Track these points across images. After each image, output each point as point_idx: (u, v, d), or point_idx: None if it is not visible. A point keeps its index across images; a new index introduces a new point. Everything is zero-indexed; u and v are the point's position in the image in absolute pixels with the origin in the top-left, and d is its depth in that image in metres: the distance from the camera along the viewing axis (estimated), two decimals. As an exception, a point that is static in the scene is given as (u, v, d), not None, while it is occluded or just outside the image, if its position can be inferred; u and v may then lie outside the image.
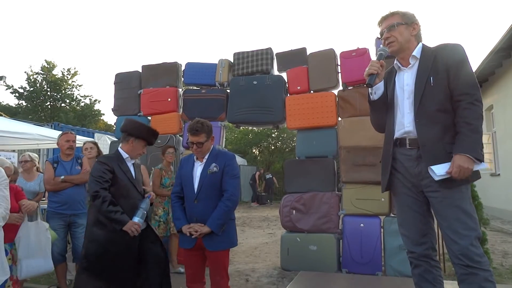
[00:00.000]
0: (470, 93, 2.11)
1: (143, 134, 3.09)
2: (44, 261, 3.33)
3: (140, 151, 3.10)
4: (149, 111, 5.71)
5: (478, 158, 2.04)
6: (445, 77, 2.18)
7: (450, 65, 2.18)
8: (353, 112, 4.70)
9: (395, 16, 2.35)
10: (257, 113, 5.15)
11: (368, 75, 2.33)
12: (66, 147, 3.97)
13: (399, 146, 2.32)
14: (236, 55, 5.53)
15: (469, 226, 2.09)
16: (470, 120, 2.08)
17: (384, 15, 2.40)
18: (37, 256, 3.26)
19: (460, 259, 2.07)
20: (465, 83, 2.13)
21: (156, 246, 2.98)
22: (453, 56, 2.20)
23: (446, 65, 2.19)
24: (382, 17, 2.41)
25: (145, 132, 3.11)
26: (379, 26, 2.43)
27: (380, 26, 2.42)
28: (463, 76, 2.15)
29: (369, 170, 4.40)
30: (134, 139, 3.05)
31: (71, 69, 23.22)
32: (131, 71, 6.00)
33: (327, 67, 4.95)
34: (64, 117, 20.71)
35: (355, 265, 4.44)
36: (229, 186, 2.78)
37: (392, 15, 2.36)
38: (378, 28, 2.45)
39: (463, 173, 2.04)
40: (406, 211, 2.35)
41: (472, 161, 2.03)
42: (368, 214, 4.49)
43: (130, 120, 3.21)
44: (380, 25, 2.41)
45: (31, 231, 3.29)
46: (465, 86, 2.13)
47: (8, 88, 21.60)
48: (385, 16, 2.39)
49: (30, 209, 3.25)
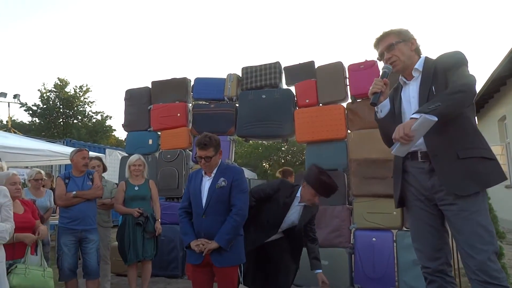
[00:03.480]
0: (462, 83, 2.06)
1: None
2: None
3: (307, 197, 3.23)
4: (159, 126, 5.75)
5: (420, 111, 1.99)
6: (444, 82, 2.14)
7: (447, 67, 2.15)
8: (362, 125, 4.67)
9: (391, 36, 2.31)
10: (266, 126, 5.15)
11: (372, 93, 2.31)
12: (82, 164, 3.99)
13: (411, 160, 2.28)
14: (244, 69, 5.56)
15: (486, 240, 2.01)
16: (446, 92, 2.05)
17: (378, 36, 2.37)
18: None
19: (477, 275, 2.00)
20: (460, 78, 2.09)
21: None
22: (450, 60, 2.18)
23: (444, 70, 2.16)
24: (377, 39, 2.37)
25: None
26: (376, 48, 2.39)
27: (377, 48, 2.38)
28: (460, 73, 2.11)
29: (380, 183, 4.34)
30: (305, 183, 3.21)
31: (83, 86, 23.67)
32: (141, 87, 6.07)
33: (336, 80, 4.93)
34: (76, 133, 21.01)
35: (367, 280, 4.34)
36: (238, 201, 2.75)
37: (388, 35, 2.33)
38: (375, 50, 2.42)
39: (397, 133, 2.01)
40: (420, 225, 2.29)
41: (414, 120, 1.99)
42: (380, 228, 4.41)
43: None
44: (377, 47, 2.38)
45: None
46: (459, 80, 2.08)
47: (22, 106, 22.04)
48: (380, 38, 2.36)
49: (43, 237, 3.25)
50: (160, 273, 5.07)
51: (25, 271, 2.98)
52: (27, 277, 2.98)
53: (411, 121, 2.00)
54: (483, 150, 2.10)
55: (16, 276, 2.93)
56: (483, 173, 2.06)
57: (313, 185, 3.13)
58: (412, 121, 2.00)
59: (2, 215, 2.77)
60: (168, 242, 5.13)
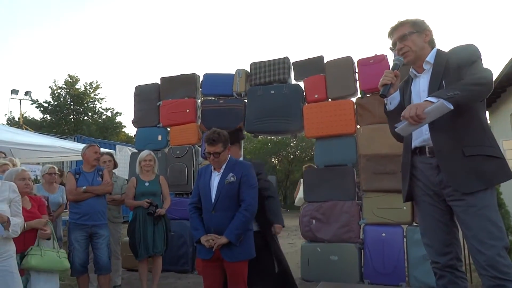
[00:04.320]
0: (479, 76, 2.04)
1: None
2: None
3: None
4: (168, 122, 5.78)
5: (436, 96, 1.96)
6: (457, 77, 2.11)
7: (462, 63, 2.12)
8: (372, 120, 4.64)
9: (405, 26, 2.30)
10: (275, 122, 5.15)
11: (382, 85, 2.29)
12: (93, 158, 4.06)
13: (419, 155, 2.26)
14: (253, 65, 5.56)
15: (496, 236, 2.00)
16: (464, 82, 2.01)
17: (393, 25, 2.35)
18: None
19: (487, 270, 1.99)
20: (477, 71, 2.06)
21: None
22: (463, 55, 2.15)
23: (457, 65, 2.13)
24: (391, 28, 2.36)
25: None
26: (390, 38, 2.38)
27: (391, 38, 2.36)
28: (475, 66, 2.08)
29: (390, 178, 4.32)
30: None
31: (93, 83, 23.79)
32: (150, 83, 6.10)
33: (345, 74, 4.91)
34: (87, 130, 21.18)
35: (377, 275, 4.34)
36: (247, 196, 2.77)
37: (402, 25, 2.31)
38: (389, 39, 2.41)
39: (408, 111, 1.98)
40: (429, 220, 2.28)
41: (429, 103, 1.96)
42: (390, 223, 4.39)
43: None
44: (391, 36, 2.36)
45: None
46: (476, 74, 2.06)
47: (34, 102, 22.26)
48: (394, 27, 2.34)
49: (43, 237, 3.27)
50: (171, 268, 5.12)
51: (41, 252, 3.12)
52: (43, 257, 3.12)
53: (426, 103, 1.98)
54: (489, 148, 2.08)
55: (34, 257, 3.07)
56: (488, 172, 2.04)
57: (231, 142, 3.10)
58: (426, 104, 1.98)
59: (12, 210, 2.82)
60: (178, 237, 5.18)
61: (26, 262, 3.07)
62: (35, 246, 3.19)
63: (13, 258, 2.82)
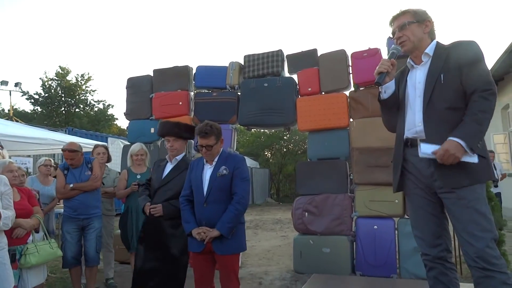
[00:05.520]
0: (483, 88, 2.05)
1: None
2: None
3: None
4: (161, 115, 5.74)
5: (470, 147, 1.98)
6: (457, 74, 2.12)
7: (463, 62, 2.12)
8: (365, 113, 4.65)
9: (406, 15, 2.31)
10: (268, 115, 5.14)
11: (378, 73, 2.30)
12: (67, 158, 3.94)
13: (410, 147, 2.28)
14: (246, 57, 5.53)
15: (485, 228, 2.03)
16: (475, 111, 2.03)
17: (395, 14, 2.37)
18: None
19: (476, 262, 2.02)
20: (478, 79, 2.08)
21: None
22: (466, 53, 2.14)
23: (458, 63, 2.13)
24: (393, 17, 2.37)
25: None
26: (391, 26, 2.39)
27: (392, 26, 2.38)
28: (476, 73, 2.09)
29: (382, 171, 4.34)
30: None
31: (84, 75, 23.59)
32: (143, 75, 6.04)
33: (338, 68, 4.91)
34: (78, 122, 21.01)
35: (369, 267, 4.38)
36: (239, 189, 2.76)
37: (403, 14, 2.32)
38: (390, 28, 2.42)
39: (448, 158, 1.99)
40: (420, 213, 2.30)
41: (462, 149, 1.98)
42: (382, 216, 4.43)
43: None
44: (392, 24, 2.38)
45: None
46: (477, 82, 2.07)
47: (24, 94, 22.04)
48: (396, 16, 2.36)
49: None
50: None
51: (37, 249, 3.26)
52: (40, 253, 3.26)
53: (461, 153, 1.99)
54: (479, 148, 2.10)
55: (32, 255, 3.19)
56: (475, 170, 2.07)
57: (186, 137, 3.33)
58: (461, 151, 1.99)
59: (3, 203, 2.82)
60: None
61: (26, 262, 3.16)
62: (30, 244, 3.25)
63: (5, 250, 2.83)
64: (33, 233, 3.34)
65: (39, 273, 3.37)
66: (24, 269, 3.20)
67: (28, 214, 3.29)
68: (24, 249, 3.19)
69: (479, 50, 2.15)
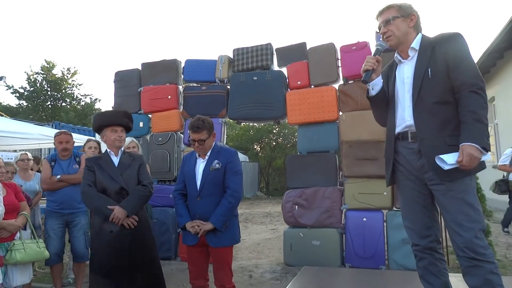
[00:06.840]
0: (472, 83, 2.07)
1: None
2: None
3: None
4: (150, 109, 5.70)
5: (485, 148, 2.01)
6: (444, 69, 2.14)
7: (450, 55, 2.14)
8: (354, 106, 4.68)
9: (391, 10, 2.32)
10: (257, 109, 5.13)
11: (364, 71, 2.32)
12: (60, 149, 3.93)
13: (401, 140, 2.31)
14: (235, 51, 5.51)
15: (473, 219, 2.07)
16: (474, 109, 2.04)
17: (380, 9, 2.38)
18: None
19: (464, 252, 2.06)
20: (466, 73, 2.09)
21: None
22: (452, 46, 2.16)
23: (445, 56, 2.15)
24: (379, 11, 2.38)
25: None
26: (377, 20, 2.41)
27: (378, 20, 2.40)
28: (464, 67, 2.11)
29: (371, 164, 4.39)
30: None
31: (70, 68, 23.18)
32: (131, 69, 5.98)
33: (328, 61, 4.92)
34: (65, 117, 20.69)
35: (358, 259, 4.44)
36: (232, 183, 2.78)
37: (388, 9, 2.33)
38: (376, 22, 2.44)
39: (473, 162, 2.00)
40: (410, 204, 2.34)
41: (480, 151, 2.00)
42: (371, 208, 4.48)
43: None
44: (378, 19, 2.39)
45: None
46: (466, 76, 2.09)
47: (9, 88, 21.60)
48: (381, 10, 2.37)
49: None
50: (154, 255, 5.09)
51: (24, 246, 3.22)
52: (26, 251, 3.22)
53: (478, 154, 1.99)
54: None
55: (18, 252, 3.16)
56: None
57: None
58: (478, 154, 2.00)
59: None
60: (161, 224, 5.16)
61: (11, 258, 3.12)
62: (17, 240, 3.22)
63: None
64: (20, 230, 3.29)
65: (24, 272, 3.29)
66: (9, 266, 3.15)
67: (15, 209, 3.24)
68: (10, 245, 3.16)
69: (464, 43, 2.16)
